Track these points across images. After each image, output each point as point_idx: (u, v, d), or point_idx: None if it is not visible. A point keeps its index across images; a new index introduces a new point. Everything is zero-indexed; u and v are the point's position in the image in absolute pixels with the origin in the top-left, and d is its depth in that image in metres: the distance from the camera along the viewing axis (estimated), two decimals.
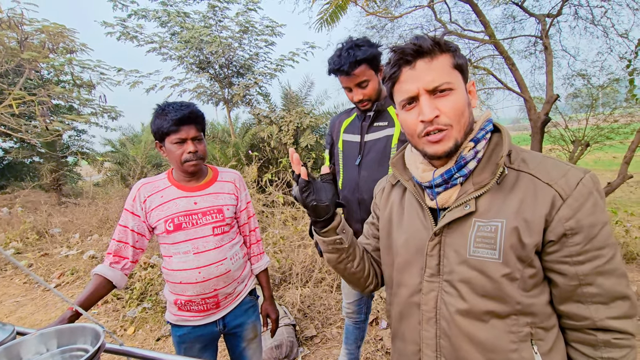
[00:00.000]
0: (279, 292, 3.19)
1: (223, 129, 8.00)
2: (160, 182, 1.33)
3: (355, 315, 1.85)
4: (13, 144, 10.07)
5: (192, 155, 1.25)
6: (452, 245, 0.73)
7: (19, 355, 0.83)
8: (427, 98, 0.70)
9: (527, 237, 0.66)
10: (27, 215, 6.80)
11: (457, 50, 0.74)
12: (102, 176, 10.20)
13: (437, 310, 0.74)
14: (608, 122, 6.34)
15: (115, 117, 8.54)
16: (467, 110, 0.72)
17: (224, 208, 1.34)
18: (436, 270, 0.75)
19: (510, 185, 0.70)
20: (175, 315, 1.33)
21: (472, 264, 0.70)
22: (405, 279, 0.82)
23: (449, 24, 6.64)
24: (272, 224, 4.19)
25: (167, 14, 6.42)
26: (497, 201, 0.70)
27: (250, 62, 7.09)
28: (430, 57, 0.71)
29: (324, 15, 3.36)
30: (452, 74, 0.71)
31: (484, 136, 0.74)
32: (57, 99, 7.59)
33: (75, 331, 0.88)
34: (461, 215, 0.71)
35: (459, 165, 0.73)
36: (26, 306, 3.80)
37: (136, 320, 3.09)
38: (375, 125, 1.47)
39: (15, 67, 5.85)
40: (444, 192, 0.75)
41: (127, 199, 1.30)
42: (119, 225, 1.28)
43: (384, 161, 1.44)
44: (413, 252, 0.79)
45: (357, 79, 1.38)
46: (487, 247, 0.68)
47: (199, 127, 1.27)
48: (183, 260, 1.27)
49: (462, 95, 0.71)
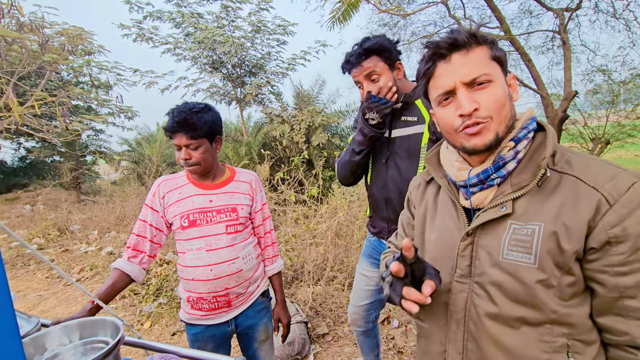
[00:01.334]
0: (291, 290, 3.22)
1: (236, 128, 8.09)
2: (180, 179, 1.36)
3: (362, 322, 1.72)
4: (35, 143, 10.44)
5: (183, 162, 1.27)
6: (485, 247, 0.70)
7: (44, 346, 0.86)
8: (464, 91, 0.67)
9: (567, 243, 0.62)
10: (48, 212, 7.04)
11: (494, 42, 0.70)
12: (119, 175, 10.45)
13: (466, 312, 0.72)
14: (630, 119, 6.13)
15: (132, 117, 8.75)
16: (508, 103, 0.68)
17: (238, 207, 1.36)
18: (467, 271, 0.73)
19: (552, 187, 0.66)
20: (188, 314, 1.36)
21: (504, 267, 0.67)
22: None
23: (463, 20, 6.53)
24: (284, 222, 4.22)
25: (181, 15, 6.53)
26: (536, 204, 0.66)
27: (263, 61, 7.14)
28: (467, 50, 0.68)
29: (336, 13, 3.36)
30: (490, 66, 0.68)
31: (526, 136, 0.70)
32: (76, 100, 7.82)
33: (96, 324, 0.91)
34: (496, 216, 0.68)
35: (497, 165, 0.70)
36: (48, 300, 3.94)
37: (152, 315, 3.17)
38: (403, 120, 1.38)
39: (37, 69, 6.05)
40: (479, 193, 0.73)
41: (148, 194, 1.34)
42: (139, 219, 1.32)
43: (413, 162, 1.35)
44: (443, 251, 0.78)
45: (365, 70, 1.31)
46: (521, 250, 0.65)
47: (192, 134, 1.24)
48: (196, 256, 1.29)
49: (502, 87, 0.68)
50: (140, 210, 1.34)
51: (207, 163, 1.31)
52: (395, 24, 7.21)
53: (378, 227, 1.55)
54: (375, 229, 1.58)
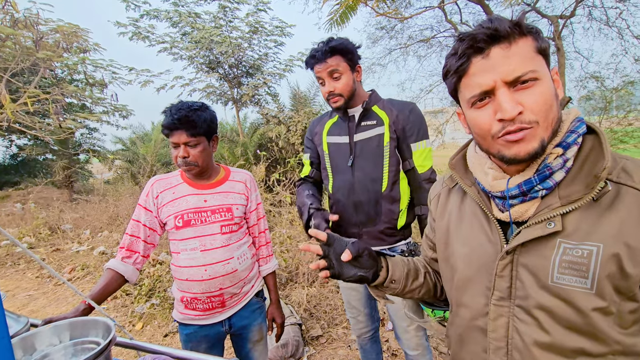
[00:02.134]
0: (285, 292, 3.20)
1: (232, 128, 8.07)
2: (173, 179, 1.35)
3: (368, 328, 1.69)
4: (27, 141, 10.31)
5: (182, 160, 1.26)
6: (529, 268, 0.61)
7: (34, 346, 0.85)
8: (506, 91, 0.58)
9: (631, 267, 0.54)
10: (39, 211, 6.94)
11: (539, 31, 0.61)
12: (113, 174, 10.35)
13: (509, 339, 0.64)
14: (622, 125, 6.22)
15: (126, 116, 8.66)
16: (555, 104, 0.59)
17: (233, 207, 1.35)
18: (507, 293, 0.64)
19: (608, 201, 0.57)
20: (182, 314, 1.35)
21: (555, 291, 0.58)
22: (466, 300, 0.71)
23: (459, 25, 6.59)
24: (279, 224, 4.21)
25: (178, 15, 6.50)
26: (589, 220, 0.57)
27: (260, 62, 7.13)
28: (509, 42, 0.58)
29: (334, 15, 3.37)
30: (536, 61, 0.58)
31: (576, 141, 0.60)
32: (70, 98, 7.73)
33: (87, 324, 0.90)
34: (543, 234, 0.59)
35: (543, 175, 0.60)
36: (38, 300, 3.88)
37: (144, 316, 3.13)
38: (363, 125, 1.45)
39: (30, 66, 5.98)
40: (519, 205, 0.63)
41: (141, 194, 1.33)
42: (133, 219, 1.31)
43: (378, 161, 1.42)
44: (476, 269, 0.69)
45: (329, 67, 1.37)
46: (576, 274, 0.57)
47: (192, 132, 1.24)
48: (190, 257, 1.28)
49: (549, 86, 0.58)
50: (134, 210, 1.33)
51: (204, 162, 1.30)
52: (392, 27, 7.27)
53: (346, 234, 1.50)
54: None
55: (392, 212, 1.44)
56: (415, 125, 1.43)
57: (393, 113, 1.44)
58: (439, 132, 8.62)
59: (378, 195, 1.43)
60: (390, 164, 1.43)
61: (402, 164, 1.46)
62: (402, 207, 1.46)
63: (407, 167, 1.46)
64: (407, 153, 1.45)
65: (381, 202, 1.43)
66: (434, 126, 8.69)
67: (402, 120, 1.43)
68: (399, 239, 1.49)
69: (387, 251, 1.48)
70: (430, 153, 1.46)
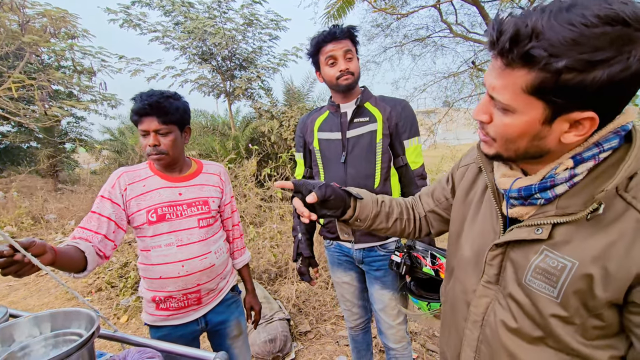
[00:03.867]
0: (274, 287, 3.18)
1: (223, 121, 7.96)
2: (142, 171, 1.27)
3: (362, 318, 1.72)
4: (11, 127, 9.99)
5: (151, 149, 1.20)
6: (514, 263, 0.65)
7: (12, 337, 0.81)
8: (486, 98, 0.63)
9: (601, 291, 0.53)
10: (22, 200, 6.75)
11: (552, 70, 0.50)
12: (100, 164, 10.14)
13: (485, 316, 0.70)
14: None
15: (115, 106, 8.48)
16: (524, 142, 0.60)
17: (209, 200, 1.32)
18: (495, 279, 0.69)
19: (609, 219, 0.53)
20: (153, 315, 1.28)
21: (525, 290, 0.62)
22: (462, 277, 0.77)
23: (454, 25, 6.63)
24: (270, 219, 4.18)
25: (171, 3, 6.36)
26: (580, 235, 0.56)
27: (254, 55, 7.04)
28: (509, 66, 0.56)
29: (331, 9, 3.34)
30: (519, 97, 0.55)
31: (596, 156, 0.54)
32: (57, 85, 7.53)
33: (69, 315, 0.87)
34: (528, 238, 0.61)
35: (544, 185, 0.58)
36: (19, 290, 3.78)
37: (130, 309, 3.08)
38: (356, 121, 1.45)
39: (15, 50, 5.78)
40: (519, 207, 0.64)
41: (105, 186, 1.22)
42: (92, 212, 1.16)
43: (370, 157, 1.42)
44: (475, 252, 0.74)
45: (345, 47, 1.39)
46: (545, 281, 0.58)
47: (163, 119, 1.18)
48: (164, 253, 1.22)
49: (525, 124, 0.58)
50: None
51: (175, 153, 1.24)
52: (388, 25, 7.26)
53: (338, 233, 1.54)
54: (334, 234, 1.57)
55: None
56: (407, 122, 1.44)
57: (386, 110, 1.44)
58: (431, 131, 8.68)
59: (371, 191, 1.43)
60: (383, 161, 1.43)
61: (394, 161, 1.47)
62: None
63: (399, 164, 1.46)
64: (400, 149, 1.45)
65: None
66: (426, 126, 8.74)
67: (395, 117, 1.43)
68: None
69: (379, 249, 1.49)
70: (421, 150, 1.48)
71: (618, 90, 0.47)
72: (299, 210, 0.83)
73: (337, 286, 1.70)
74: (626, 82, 0.46)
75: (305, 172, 1.66)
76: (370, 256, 1.50)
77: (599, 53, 0.44)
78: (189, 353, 0.89)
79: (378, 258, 1.49)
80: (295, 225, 1.65)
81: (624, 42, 0.44)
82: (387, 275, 1.49)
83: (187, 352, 0.90)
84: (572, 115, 0.51)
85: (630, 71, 0.45)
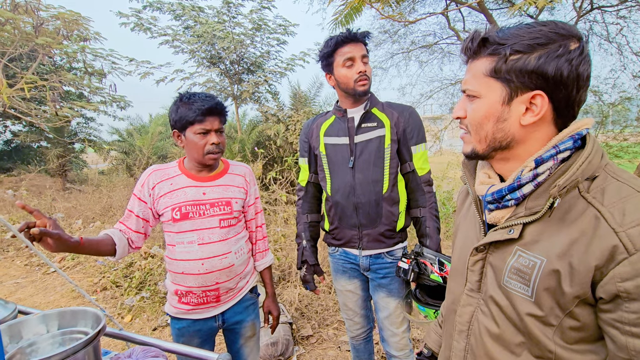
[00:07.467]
0: (277, 290, 3.19)
1: (230, 124, 8.03)
2: (171, 170, 1.33)
3: (364, 328, 1.71)
4: (22, 127, 10.17)
5: (214, 147, 1.26)
6: (493, 266, 0.68)
7: (20, 334, 0.83)
8: (463, 97, 0.69)
9: (568, 286, 0.56)
10: (31, 198, 6.85)
11: (501, 52, 0.63)
12: (108, 164, 10.25)
13: (470, 325, 0.72)
14: (618, 140, 6.28)
15: (124, 107, 8.58)
16: (489, 124, 0.67)
17: (232, 201, 1.34)
18: (477, 286, 0.71)
19: (572, 218, 0.58)
20: (175, 308, 1.33)
21: (504, 292, 0.65)
22: (452, 286, 0.80)
23: (462, 32, 6.63)
24: (274, 222, 4.19)
25: (181, 8, 6.46)
26: (547, 233, 0.60)
27: (261, 59, 7.11)
28: (473, 59, 0.68)
29: (339, 16, 3.36)
30: (481, 81, 0.66)
31: (554, 156, 0.61)
32: (68, 86, 7.66)
33: (76, 314, 0.88)
34: (502, 239, 0.65)
35: (512, 186, 0.63)
36: (26, 288, 3.83)
37: (134, 308, 3.10)
38: (364, 127, 1.45)
39: (29, 51, 5.90)
40: (496, 211, 0.68)
41: (137, 184, 1.30)
42: (127, 209, 1.31)
43: (378, 162, 1.42)
44: (461, 261, 0.76)
45: (363, 50, 1.40)
46: (520, 281, 0.62)
47: (223, 119, 1.30)
48: (187, 250, 1.27)
49: (488, 106, 0.67)
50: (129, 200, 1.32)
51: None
52: (395, 31, 7.28)
53: (345, 237, 1.52)
54: (340, 240, 1.55)
55: (392, 214, 1.45)
56: (415, 128, 1.45)
57: (394, 116, 1.44)
58: (437, 138, 8.64)
59: (379, 196, 1.43)
60: (391, 166, 1.43)
61: (401, 167, 1.47)
62: (401, 209, 1.47)
63: (406, 170, 1.46)
64: (407, 155, 1.45)
65: (382, 204, 1.43)
66: (432, 132, 8.71)
67: (402, 123, 1.43)
68: (398, 241, 1.49)
69: (386, 256, 1.49)
70: (427, 156, 1.48)
71: (559, 74, 0.57)
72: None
73: (339, 294, 1.68)
74: (565, 67, 0.56)
75: (310, 177, 1.64)
76: (377, 263, 1.49)
77: (537, 39, 0.57)
78: (192, 353, 0.90)
79: (385, 265, 1.48)
80: (300, 232, 1.65)
81: (557, 36, 0.57)
82: (393, 282, 1.48)
83: (191, 352, 0.91)
84: (525, 96, 0.60)
85: (565, 57, 0.56)
